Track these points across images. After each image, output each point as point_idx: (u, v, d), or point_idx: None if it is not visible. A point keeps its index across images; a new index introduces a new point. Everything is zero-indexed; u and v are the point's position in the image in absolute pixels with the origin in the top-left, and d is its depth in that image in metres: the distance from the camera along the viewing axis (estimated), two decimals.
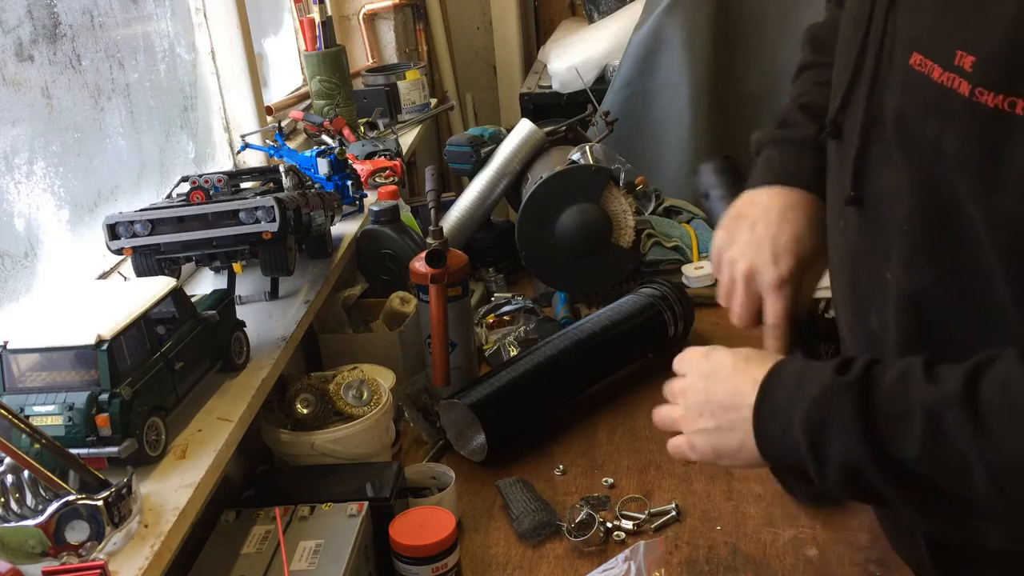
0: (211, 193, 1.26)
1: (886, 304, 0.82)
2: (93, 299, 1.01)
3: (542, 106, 2.55)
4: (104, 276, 1.30)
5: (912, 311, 0.80)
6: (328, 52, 2.11)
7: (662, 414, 0.91)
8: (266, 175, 1.43)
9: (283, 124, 1.78)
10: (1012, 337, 0.70)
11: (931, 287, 0.78)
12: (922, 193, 0.76)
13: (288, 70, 2.32)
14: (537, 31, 3.48)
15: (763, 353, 0.85)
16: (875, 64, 0.80)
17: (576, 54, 2.54)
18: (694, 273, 1.67)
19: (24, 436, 0.82)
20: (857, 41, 0.83)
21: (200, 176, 1.30)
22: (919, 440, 0.68)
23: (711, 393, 0.84)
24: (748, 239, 0.98)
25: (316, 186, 1.48)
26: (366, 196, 1.71)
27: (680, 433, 0.89)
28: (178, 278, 1.18)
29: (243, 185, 1.41)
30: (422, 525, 1.03)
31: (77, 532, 0.79)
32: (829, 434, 0.73)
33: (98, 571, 0.76)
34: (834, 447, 0.73)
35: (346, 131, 2.01)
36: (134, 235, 1.16)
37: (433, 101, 2.60)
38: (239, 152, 1.77)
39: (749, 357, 0.84)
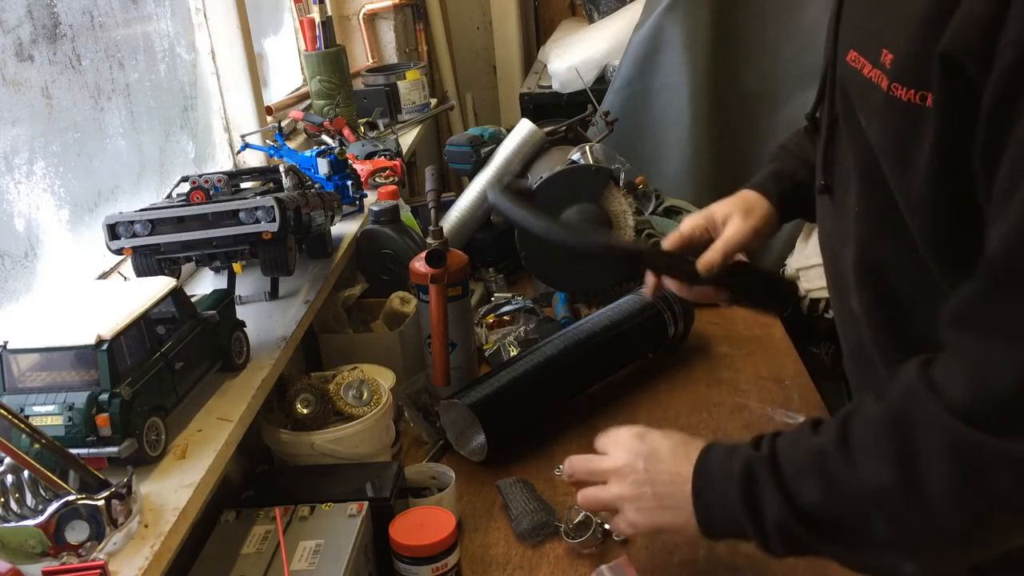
0: (211, 193, 1.26)
1: (855, 283, 0.89)
2: (93, 299, 1.01)
3: (542, 106, 2.55)
4: (104, 276, 1.30)
5: (871, 287, 0.87)
6: (328, 52, 2.11)
7: (591, 495, 0.96)
8: (266, 175, 1.43)
9: (283, 124, 1.78)
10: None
11: (883, 263, 0.85)
12: (864, 178, 0.84)
13: (288, 70, 2.32)
14: (537, 31, 3.48)
15: (689, 437, 0.92)
16: (832, 63, 0.88)
17: (576, 54, 2.54)
18: None
19: (24, 436, 0.82)
20: (830, 41, 0.90)
21: (200, 176, 1.30)
22: (818, 487, 0.76)
23: (652, 474, 0.90)
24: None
25: (316, 186, 1.48)
26: (366, 196, 1.71)
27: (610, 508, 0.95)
28: (178, 278, 1.18)
29: (243, 185, 1.41)
30: (422, 525, 1.03)
31: (77, 532, 0.79)
32: (761, 502, 0.80)
33: (98, 571, 0.76)
34: (766, 512, 0.80)
35: (346, 131, 2.01)
36: (134, 235, 1.16)
37: (433, 101, 2.60)
38: (239, 152, 1.77)
39: (683, 440, 0.91)
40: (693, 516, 0.86)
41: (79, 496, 0.80)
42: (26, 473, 0.83)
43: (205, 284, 1.38)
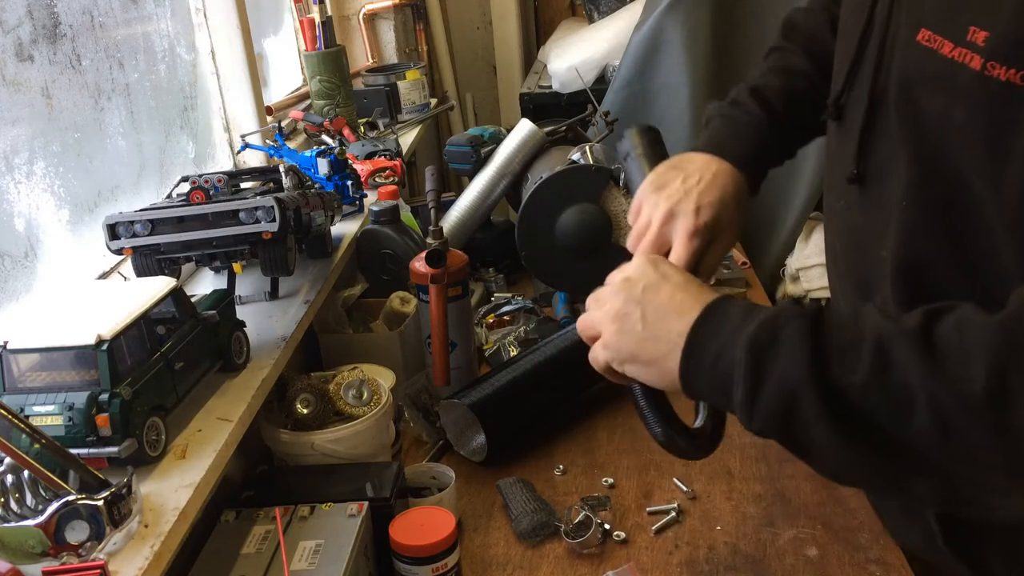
0: (211, 193, 1.26)
1: (884, 281, 0.83)
2: (93, 299, 1.01)
3: (542, 106, 2.55)
4: (104, 276, 1.30)
5: (911, 286, 0.80)
6: (328, 52, 2.11)
7: (585, 315, 0.85)
8: (266, 175, 1.43)
9: (283, 124, 1.78)
10: None
11: (930, 261, 0.78)
12: (922, 167, 0.77)
13: (288, 70, 2.32)
14: (537, 31, 3.48)
15: (706, 287, 0.80)
16: (880, 46, 0.82)
17: (576, 54, 2.54)
18: None
19: (24, 436, 0.82)
20: (860, 25, 0.85)
21: (200, 176, 1.30)
22: (866, 367, 0.66)
23: (652, 298, 0.78)
24: (677, 187, 0.97)
25: (316, 186, 1.48)
26: (366, 196, 1.72)
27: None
28: (178, 278, 1.18)
29: (243, 185, 1.41)
30: (422, 525, 1.03)
31: (77, 532, 0.79)
32: (774, 352, 0.68)
33: (98, 571, 0.76)
34: (776, 367, 0.68)
35: (346, 131, 2.01)
36: (134, 235, 1.16)
37: (433, 101, 2.60)
38: (239, 152, 1.77)
39: (701, 284, 0.80)
40: (677, 352, 0.74)
41: (79, 496, 0.80)
42: (26, 473, 0.83)
43: (205, 284, 1.38)
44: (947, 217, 0.76)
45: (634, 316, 0.78)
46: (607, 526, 1.12)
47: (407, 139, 2.28)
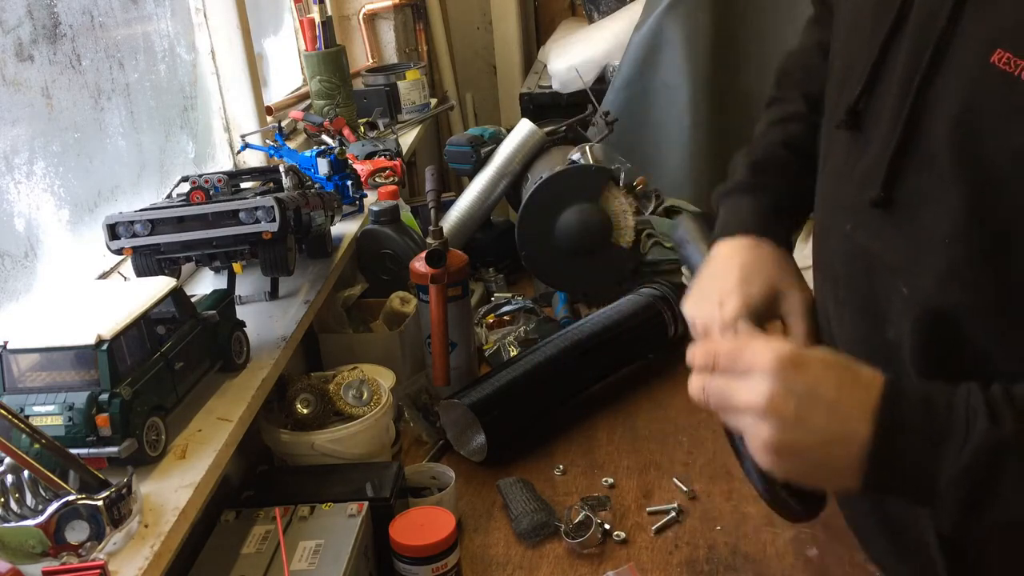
0: (211, 193, 1.26)
1: (901, 318, 0.76)
2: (93, 299, 1.01)
3: (542, 106, 2.54)
4: (104, 276, 1.30)
5: (939, 328, 0.73)
6: (328, 52, 2.11)
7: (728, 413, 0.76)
8: (266, 175, 1.43)
9: (283, 124, 1.78)
10: None
11: (969, 305, 0.71)
12: (981, 204, 0.68)
13: (288, 70, 2.32)
14: (537, 31, 3.48)
15: (855, 369, 0.71)
16: (912, 55, 0.73)
17: (576, 54, 2.53)
18: None
19: (24, 436, 0.82)
20: (886, 25, 0.76)
21: (200, 176, 1.30)
22: None
23: (809, 420, 0.68)
24: (697, 295, 0.94)
25: (316, 186, 1.48)
26: (366, 196, 1.72)
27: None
28: (178, 278, 1.18)
29: (243, 185, 1.41)
30: (422, 525, 1.03)
31: (77, 532, 0.79)
32: (997, 488, 0.64)
33: (98, 571, 0.76)
34: (1002, 503, 0.65)
35: (346, 131, 2.01)
36: (134, 235, 1.16)
37: (433, 101, 2.60)
38: (239, 152, 1.77)
39: (852, 375, 0.70)
40: (857, 476, 0.68)
41: (79, 496, 0.80)
42: (26, 473, 0.83)
43: (205, 284, 1.38)
44: (1000, 260, 0.68)
45: (798, 445, 0.69)
46: (607, 526, 1.12)
47: (407, 139, 2.28)
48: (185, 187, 1.29)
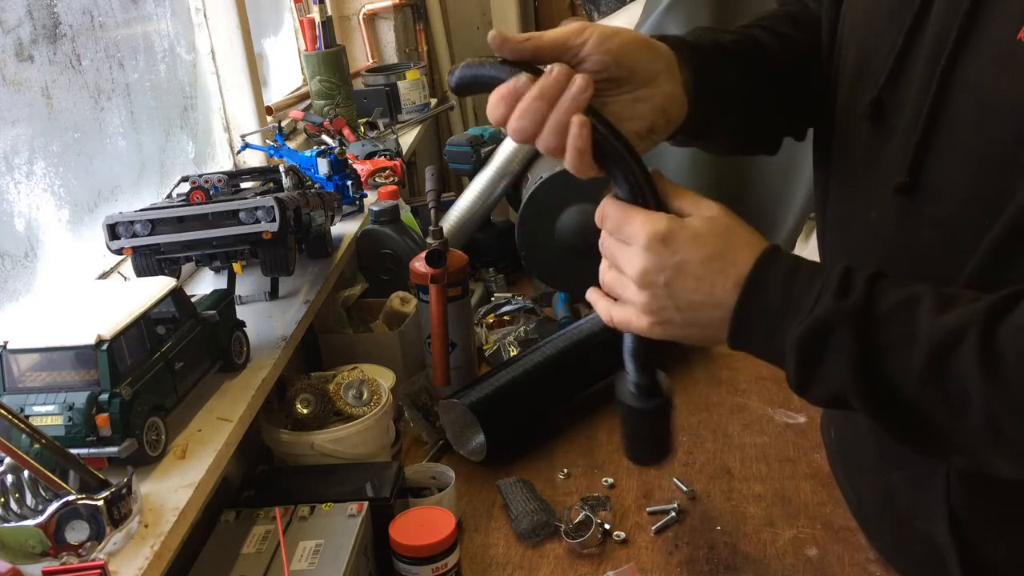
0: (211, 193, 1.26)
1: None
2: (93, 299, 1.01)
3: None
4: (104, 276, 1.30)
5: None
6: (328, 52, 2.11)
7: (605, 275, 0.83)
8: (266, 175, 1.43)
9: (283, 124, 1.78)
10: None
11: (995, 288, 0.70)
12: (1004, 185, 0.67)
13: (288, 70, 2.32)
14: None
15: (733, 240, 0.74)
16: (937, 39, 0.72)
17: None
18: None
19: (24, 436, 0.82)
20: (910, 12, 0.75)
21: (200, 176, 1.30)
22: (919, 372, 0.65)
23: (678, 290, 0.74)
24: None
25: (316, 186, 1.48)
26: (366, 196, 1.72)
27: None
28: (178, 278, 1.18)
29: (243, 185, 1.41)
30: (422, 525, 1.03)
31: (77, 532, 0.79)
32: (823, 361, 0.69)
33: (98, 571, 0.76)
34: (825, 375, 0.69)
35: (346, 131, 2.01)
36: (134, 235, 1.16)
37: (433, 101, 2.60)
38: (239, 152, 1.77)
39: (721, 252, 0.74)
40: (723, 334, 0.75)
41: (79, 496, 0.80)
42: (26, 473, 0.83)
43: (205, 284, 1.38)
44: None
45: (667, 309, 0.76)
46: (607, 526, 1.12)
47: (407, 139, 2.28)
48: (185, 187, 1.29)
